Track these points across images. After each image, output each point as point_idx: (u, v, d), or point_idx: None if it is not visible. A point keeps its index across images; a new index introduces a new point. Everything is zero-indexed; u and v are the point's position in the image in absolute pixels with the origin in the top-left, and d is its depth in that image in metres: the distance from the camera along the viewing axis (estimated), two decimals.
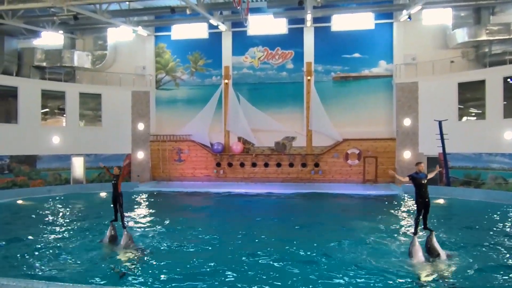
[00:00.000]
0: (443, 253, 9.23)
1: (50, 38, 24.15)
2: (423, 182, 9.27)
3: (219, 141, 23.71)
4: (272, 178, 23.11)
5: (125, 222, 10.81)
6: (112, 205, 10.85)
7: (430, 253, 9.27)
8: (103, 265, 9.20)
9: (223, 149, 23.61)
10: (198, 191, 21.05)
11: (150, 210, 16.27)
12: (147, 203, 18.39)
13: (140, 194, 20.31)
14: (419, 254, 9.13)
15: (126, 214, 14.31)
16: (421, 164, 9.52)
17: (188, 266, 9.00)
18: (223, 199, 19.31)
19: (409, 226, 12.89)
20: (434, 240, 9.34)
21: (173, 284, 8.02)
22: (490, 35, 19.42)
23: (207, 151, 23.75)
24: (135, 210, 16.18)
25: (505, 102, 18.30)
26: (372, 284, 7.89)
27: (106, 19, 19.96)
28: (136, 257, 9.62)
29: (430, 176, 9.55)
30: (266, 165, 23.17)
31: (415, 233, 9.41)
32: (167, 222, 13.66)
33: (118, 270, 8.74)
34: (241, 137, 23.57)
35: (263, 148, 23.55)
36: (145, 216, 14.90)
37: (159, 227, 12.96)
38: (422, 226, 9.47)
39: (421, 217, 9.39)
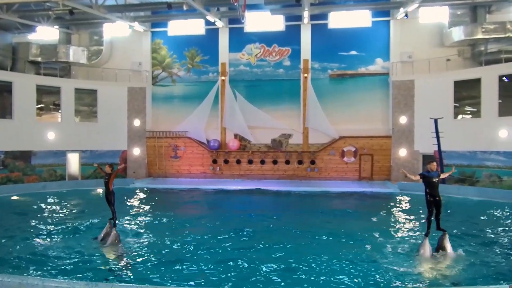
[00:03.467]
0: (453, 253, 9.22)
1: (46, 33, 23.94)
2: (434, 180, 9.24)
3: (216, 138, 23.67)
4: (268, 175, 23.13)
5: (115, 221, 10.73)
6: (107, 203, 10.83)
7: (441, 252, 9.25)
8: (91, 263, 9.12)
9: (220, 146, 23.59)
10: (194, 187, 21.01)
11: (145, 207, 16.19)
12: (142, 199, 18.30)
13: (136, 191, 20.23)
14: (428, 255, 9.12)
15: (122, 212, 14.33)
16: (433, 163, 9.41)
17: (178, 265, 8.92)
18: (218, 196, 19.29)
19: (405, 223, 12.96)
20: (447, 240, 9.31)
21: (160, 280, 8.00)
22: (486, 34, 19.48)
23: (203, 148, 23.72)
24: (130, 206, 16.12)
25: (500, 101, 18.42)
26: (374, 282, 7.90)
27: (102, 14, 19.85)
28: (121, 256, 9.56)
29: (443, 176, 9.53)
30: (262, 162, 23.18)
31: (427, 234, 9.35)
32: (160, 219, 13.59)
33: None
34: (238, 134, 23.55)
35: (260, 145, 23.55)
36: (139, 213, 14.83)
37: (152, 224, 12.93)
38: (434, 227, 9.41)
39: (433, 217, 9.32)
